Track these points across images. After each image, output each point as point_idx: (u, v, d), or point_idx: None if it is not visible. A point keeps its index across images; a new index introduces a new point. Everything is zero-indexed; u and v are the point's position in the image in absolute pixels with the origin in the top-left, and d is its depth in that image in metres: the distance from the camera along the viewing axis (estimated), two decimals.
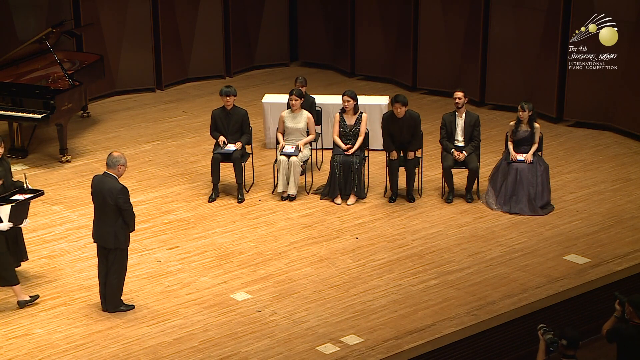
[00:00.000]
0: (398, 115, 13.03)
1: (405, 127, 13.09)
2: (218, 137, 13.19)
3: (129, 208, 10.13)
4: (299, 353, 9.75)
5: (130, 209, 10.15)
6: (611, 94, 15.66)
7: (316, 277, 11.25)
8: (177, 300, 10.74)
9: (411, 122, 13.09)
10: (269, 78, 18.67)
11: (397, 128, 13.11)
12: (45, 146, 15.21)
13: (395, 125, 13.09)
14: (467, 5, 16.94)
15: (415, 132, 13.16)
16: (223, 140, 13.12)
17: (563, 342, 8.39)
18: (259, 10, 18.97)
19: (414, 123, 13.11)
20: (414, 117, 13.14)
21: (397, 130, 13.11)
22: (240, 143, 13.16)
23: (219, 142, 13.16)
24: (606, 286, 11.19)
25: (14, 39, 15.91)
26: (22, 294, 10.52)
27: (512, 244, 12.05)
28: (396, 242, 12.11)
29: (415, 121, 13.13)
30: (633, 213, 12.87)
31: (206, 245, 12.02)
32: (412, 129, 13.11)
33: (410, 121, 13.09)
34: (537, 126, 12.88)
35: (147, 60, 17.74)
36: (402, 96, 13.12)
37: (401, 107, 12.98)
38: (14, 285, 10.45)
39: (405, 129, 13.10)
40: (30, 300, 10.56)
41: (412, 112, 13.13)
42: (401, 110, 13.00)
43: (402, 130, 13.07)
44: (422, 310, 10.54)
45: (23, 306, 10.49)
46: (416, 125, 13.15)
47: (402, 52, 17.90)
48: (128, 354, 9.71)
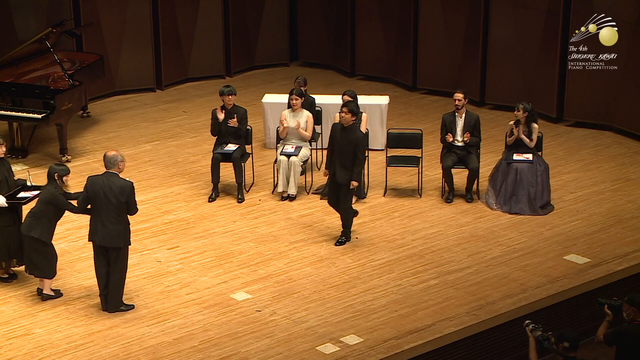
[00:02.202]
0: (343, 122, 11.53)
1: (346, 140, 11.46)
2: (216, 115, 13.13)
3: (135, 203, 10.26)
4: (299, 353, 9.75)
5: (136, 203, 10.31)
6: (611, 94, 15.67)
7: (316, 277, 11.25)
8: (177, 300, 10.75)
9: (353, 137, 11.45)
10: (269, 78, 18.68)
11: (337, 140, 11.54)
12: (45, 146, 15.21)
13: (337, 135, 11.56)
14: (467, 5, 16.94)
15: (357, 155, 11.45)
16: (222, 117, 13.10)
17: (565, 345, 8.40)
18: (259, 10, 18.97)
19: (357, 142, 11.42)
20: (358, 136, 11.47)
21: (337, 143, 11.56)
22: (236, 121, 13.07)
23: (217, 114, 13.08)
24: (606, 286, 11.19)
25: (14, 39, 15.91)
26: (49, 288, 10.65)
27: (512, 244, 12.05)
28: (396, 242, 12.11)
29: (358, 141, 11.43)
30: (633, 213, 12.87)
31: (206, 245, 12.02)
32: (354, 147, 11.46)
33: (353, 136, 11.47)
34: (535, 126, 12.86)
35: (147, 60, 17.75)
36: (353, 102, 11.77)
37: (347, 113, 11.48)
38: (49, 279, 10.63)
39: (347, 144, 11.45)
40: (54, 296, 10.66)
41: (358, 131, 11.62)
42: (347, 117, 11.46)
43: (343, 146, 11.41)
44: (422, 310, 10.54)
45: (46, 299, 10.61)
46: (358, 145, 11.41)
47: (402, 52, 17.90)
48: (128, 354, 9.71)
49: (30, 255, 10.53)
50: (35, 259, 10.52)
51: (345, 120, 11.47)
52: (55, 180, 10.46)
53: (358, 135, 11.52)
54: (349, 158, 11.43)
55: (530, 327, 8.64)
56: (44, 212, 10.42)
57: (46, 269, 10.57)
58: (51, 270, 10.61)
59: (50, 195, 10.40)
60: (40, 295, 10.65)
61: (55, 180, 10.46)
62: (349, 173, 11.49)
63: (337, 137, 11.57)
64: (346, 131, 11.47)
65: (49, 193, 10.42)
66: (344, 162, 11.47)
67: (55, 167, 10.53)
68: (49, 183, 10.51)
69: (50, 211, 10.43)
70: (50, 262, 10.57)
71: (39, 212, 10.43)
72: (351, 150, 11.41)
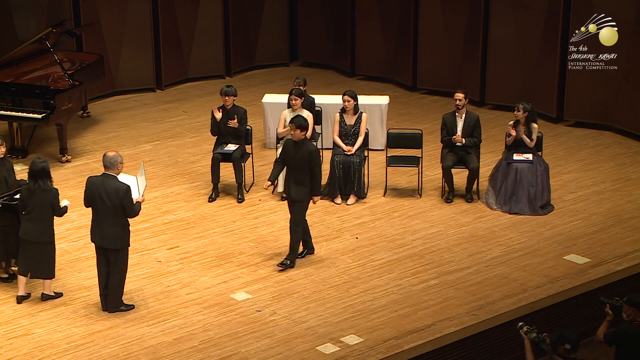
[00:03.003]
0: (294, 138, 11.19)
1: (299, 155, 11.14)
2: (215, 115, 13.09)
3: (132, 206, 10.17)
4: (299, 353, 9.75)
5: (133, 206, 10.19)
6: (611, 94, 15.67)
7: (316, 277, 11.25)
8: (177, 300, 10.75)
9: (306, 151, 11.12)
10: (269, 78, 18.67)
11: (291, 156, 11.22)
12: (45, 146, 15.21)
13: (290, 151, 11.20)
14: (467, 5, 16.94)
15: (313, 169, 11.09)
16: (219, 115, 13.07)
17: (567, 347, 8.40)
18: (259, 10, 18.97)
19: (309, 156, 11.09)
20: (310, 150, 11.13)
21: (290, 159, 11.23)
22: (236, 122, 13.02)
23: (214, 114, 13.06)
24: (606, 286, 11.19)
25: (14, 39, 15.91)
26: (49, 288, 10.65)
27: (512, 244, 12.05)
28: (396, 242, 12.11)
29: (311, 155, 11.10)
30: (633, 213, 12.87)
31: (206, 245, 12.02)
32: (307, 162, 11.12)
33: (305, 151, 11.13)
34: (534, 126, 12.86)
35: (147, 60, 17.74)
36: (302, 119, 11.30)
37: (295, 129, 11.11)
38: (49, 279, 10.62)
39: (300, 159, 11.18)
40: (54, 296, 10.66)
41: (309, 145, 11.22)
42: (296, 134, 11.13)
43: (296, 160, 11.14)
44: (422, 310, 10.54)
45: (46, 299, 10.61)
46: (312, 158, 11.04)
47: (402, 52, 17.90)
48: (128, 354, 9.72)
49: (36, 258, 10.45)
50: (40, 261, 10.47)
51: (295, 137, 11.12)
52: (49, 177, 10.36)
53: (310, 149, 11.11)
54: (304, 173, 11.09)
55: (525, 329, 8.64)
56: (45, 215, 10.38)
57: (50, 270, 10.56)
58: (53, 270, 10.60)
59: (52, 198, 10.34)
60: (41, 296, 10.66)
61: (49, 178, 10.36)
62: (304, 189, 11.16)
63: (290, 153, 11.20)
64: (298, 146, 11.11)
65: (50, 196, 10.33)
66: (298, 178, 11.13)
67: (45, 164, 10.36)
68: (42, 182, 10.31)
69: (47, 211, 10.38)
70: (53, 262, 10.57)
71: (39, 216, 10.34)
72: (305, 165, 11.06)
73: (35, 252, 10.41)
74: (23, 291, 10.61)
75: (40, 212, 10.35)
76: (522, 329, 8.67)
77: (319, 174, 11.21)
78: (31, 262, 10.48)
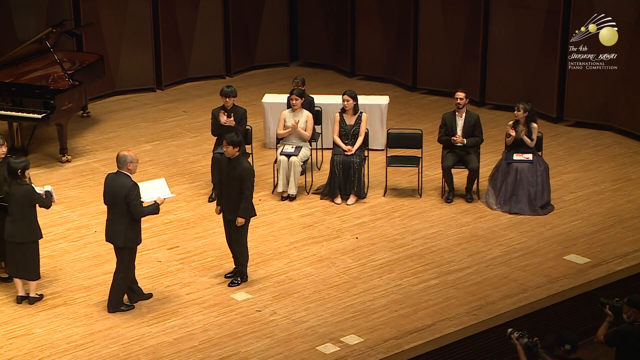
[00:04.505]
0: (227, 155, 10.70)
1: (232, 174, 10.68)
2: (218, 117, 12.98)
3: (138, 203, 10.15)
4: (299, 353, 9.75)
5: (139, 204, 10.18)
6: (611, 94, 15.67)
7: (316, 277, 11.25)
8: (177, 300, 10.75)
9: (238, 170, 10.66)
10: (269, 78, 18.68)
11: (224, 173, 10.80)
12: (45, 146, 15.21)
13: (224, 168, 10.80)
14: (467, 5, 16.94)
15: (243, 191, 10.63)
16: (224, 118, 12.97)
17: (567, 348, 8.40)
18: (259, 10, 18.97)
19: (241, 175, 10.64)
20: (242, 168, 10.66)
21: (224, 177, 10.80)
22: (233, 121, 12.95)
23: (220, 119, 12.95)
24: (606, 286, 11.19)
25: (14, 39, 15.91)
26: (34, 291, 10.59)
27: (512, 244, 12.05)
28: (396, 242, 12.12)
29: (242, 174, 10.64)
30: (633, 213, 12.87)
31: (206, 245, 12.02)
32: (239, 180, 10.67)
33: (238, 169, 10.67)
34: (534, 126, 12.86)
35: (147, 60, 17.75)
36: (233, 135, 10.75)
37: (227, 146, 10.61)
38: (35, 280, 10.57)
39: (232, 178, 10.70)
40: (39, 298, 10.62)
41: (243, 163, 10.72)
42: (229, 150, 10.63)
43: (229, 179, 10.70)
44: (422, 310, 10.54)
45: (33, 302, 10.55)
46: (244, 178, 10.61)
47: (402, 52, 17.90)
48: (128, 354, 9.72)
49: (19, 259, 10.43)
50: (25, 262, 10.44)
51: (227, 153, 10.66)
52: (19, 176, 10.30)
53: (243, 167, 10.63)
54: (236, 192, 10.64)
55: (516, 335, 8.65)
56: (25, 212, 10.32)
57: (34, 271, 10.51)
58: (38, 270, 10.54)
59: (25, 193, 10.28)
60: (27, 299, 10.58)
61: (19, 176, 10.30)
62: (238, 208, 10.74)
63: (223, 170, 10.79)
64: (231, 163, 10.67)
65: (23, 191, 10.27)
66: (232, 196, 10.70)
67: (18, 163, 10.31)
68: (12, 180, 10.29)
69: (27, 208, 10.33)
70: (37, 262, 10.51)
71: (20, 215, 10.30)
72: (237, 184, 10.62)
73: (19, 253, 10.39)
74: (22, 291, 10.60)
75: (19, 211, 10.31)
76: (512, 334, 8.67)
77: (249, 196, 10.67)
78: (18, 264, 10.46)
